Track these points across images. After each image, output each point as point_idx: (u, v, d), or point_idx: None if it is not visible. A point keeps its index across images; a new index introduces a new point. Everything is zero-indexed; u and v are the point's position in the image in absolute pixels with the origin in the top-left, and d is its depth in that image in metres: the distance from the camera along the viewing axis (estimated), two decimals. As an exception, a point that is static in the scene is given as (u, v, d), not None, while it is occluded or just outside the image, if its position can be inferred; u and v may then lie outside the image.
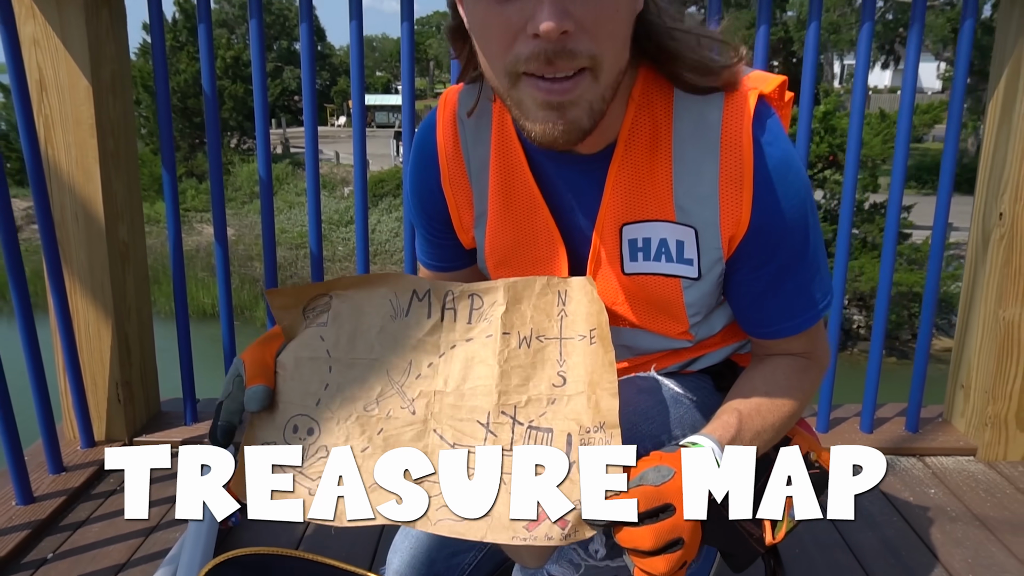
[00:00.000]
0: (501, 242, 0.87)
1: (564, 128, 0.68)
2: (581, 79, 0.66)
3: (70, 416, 1.61)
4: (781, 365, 0.86)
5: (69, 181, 1.52)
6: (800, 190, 0.77)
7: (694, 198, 0.77)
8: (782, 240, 0.78)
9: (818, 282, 0.82)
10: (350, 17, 1.54)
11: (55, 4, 1.44)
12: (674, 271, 0.80)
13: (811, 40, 1.52)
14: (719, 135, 0.75)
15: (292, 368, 0.79)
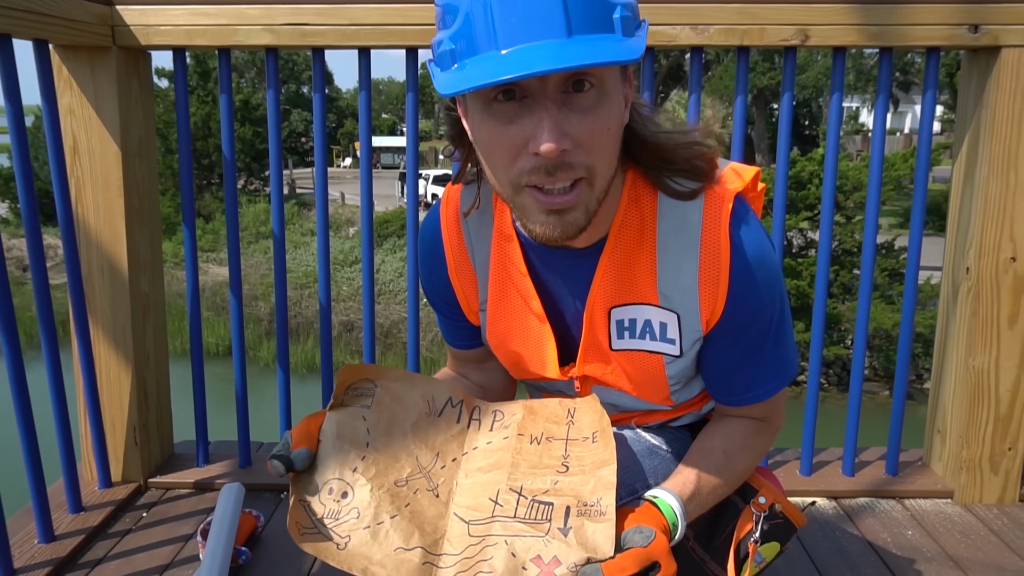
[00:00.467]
0: (497, 329, 0.97)
1: (563, 229, 0.77)
2: (578, 188, 0.75)
3: (89, 458, 1.70)
4: (739, 427, 0.95)
5: (97, 237, 1.63)
6: (771, 281, 0.86)
7: (676, 288, 0.86)
8: (752, 323, 0.87)
9: (782, 358, 0.91)
10: (359, 87, 1.67)
11: (90, 77, 1.57)
12: (658, 348, 0.89)
13: (785, 107, 1.64)
14: (699, 234, 0.84)
15: (333, 438, 0.89)
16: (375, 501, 0.84)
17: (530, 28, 0.68)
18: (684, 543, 0.96)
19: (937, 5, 1.53)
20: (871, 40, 1.55)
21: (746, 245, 0.84)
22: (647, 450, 0.98)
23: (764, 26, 1.54)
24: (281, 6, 1.56)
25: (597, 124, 0.73)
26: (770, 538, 0.98)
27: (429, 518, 0.83)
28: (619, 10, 0.71)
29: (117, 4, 1.56)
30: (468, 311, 1.01)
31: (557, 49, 0.67)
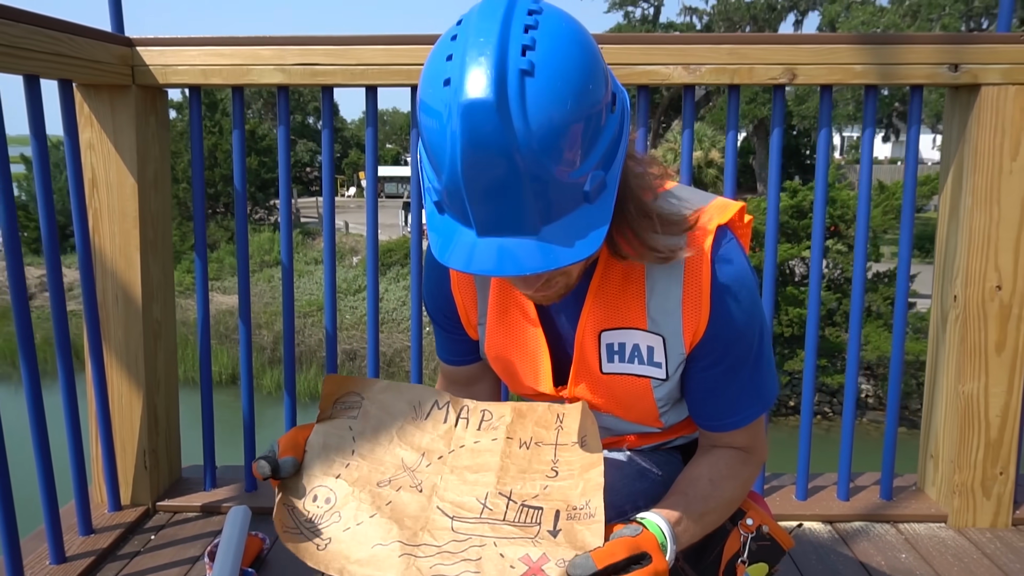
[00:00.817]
0: (496, 341, 1.02)
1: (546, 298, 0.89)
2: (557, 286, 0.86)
3: (100, 481, 1.74)
4: (724, 456, 0.99)
5: (112, 266, 1.70)
6: (750, 305, 0.92)
7: (662, 312, 0.91)
8: (732, 345, 0.92)
9: (761, 383, 0.96)
10: (366, 124, 1.74)
11: (110, 114, 1.65)
12: (645, 372, 0.94)
13: (775, 144, 1.70)
14: (683, 262, 0.89)
15: (319, 448, 0.94)
16: (355, 503, 0.88)
17: (502, 222, 0.72)
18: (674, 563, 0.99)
19: (918, 45, 1.61)
20: (856, 78, 1.62)
21: (727, 269, 0.90)
22: (637, 472, 1.01)
23: (753, 65, 1.61)
24: (292, 47, 1.64)
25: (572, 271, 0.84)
26: (758, 559, 1.01)
27: (410, 512, 0.86)
28: (590, 179, 0.72)
29: (137, 45, 1.64)
30: (467, 325, 1.06)
31: (529, 251, 0.72)
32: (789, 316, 12.85)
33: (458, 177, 0.70)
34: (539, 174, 0.69)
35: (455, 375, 1.14)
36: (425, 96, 0.73)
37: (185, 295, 16.72)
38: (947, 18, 21.06)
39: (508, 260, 0.72)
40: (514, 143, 0.68)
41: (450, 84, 0.69)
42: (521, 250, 0.72)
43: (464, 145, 0.68)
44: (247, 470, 1.86)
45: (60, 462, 1.51)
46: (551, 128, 0.69)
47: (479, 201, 0.71)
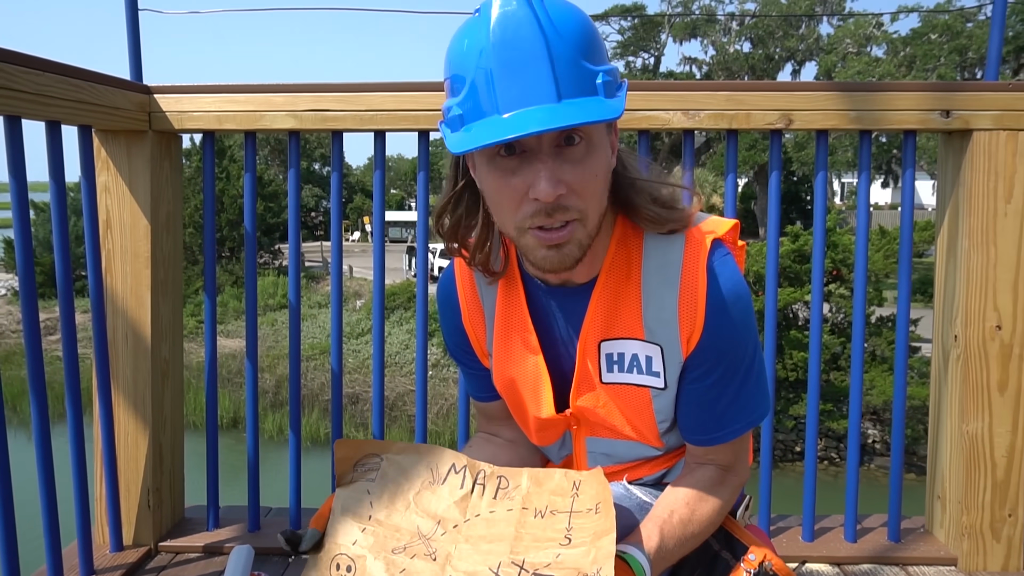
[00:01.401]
0: (502, 370, 1.05)
1: (560, 260, 0.89)
2: (573, 227, 0.87)
3: (102, 521, 1.73)
4: (704, 475, 1.00)
5: (123, 306, 1.72)
6: (745, 317, 0.95)
7: (659, 321, 0.94)
8: (725, 355, 0.94)
9: (750, 397, 0.98)
10: (375, 167, 1.79)
11: (126, 158, 1.70)
12: (644, 382, 0.97)
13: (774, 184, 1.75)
14: (679, 271, 0.93)
15: (339, 513, 0.96)
16: (372, 571, 0.89)
17: (527, 95, 0.80)
18: None
19: (911, 93, 1.66)
20: (850, 124, 1.66)
21: (722, 280, 0.93)
22: (637, 507, 1.02)
23: (750, 111, 1.66)
24: (304, 94, 1.70)
25: (587, 172, 0.85)
26: None
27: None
28: (601, 76, 0.83)
29: (155, 93, 1.70)
30: (482, 356, 1.09)
31: (550, 112, 0.80)
32: (793, 360, 12.79)
33: (489, 61, 0.81)
34: (562, 50, 0.80)
35: (490, 411, 1.16)
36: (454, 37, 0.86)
37: (189, 338, 16.72)
38: (942, 68, 21.50)
39: (532, 120, 0.79)
40: (539, 22, 0.80)
41: (480, 11, 0.82)
42: (545, 113, 0.80)
43: (498, 25, 0.80)
44: (251, 509, 1.85)
45: (64, 502, 1.51)
46: (569, 22, 0.82)
47: (509, 76, 0.80)
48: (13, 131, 1.34)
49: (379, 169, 1.79)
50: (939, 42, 22.10)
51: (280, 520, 1.90)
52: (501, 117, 0.81)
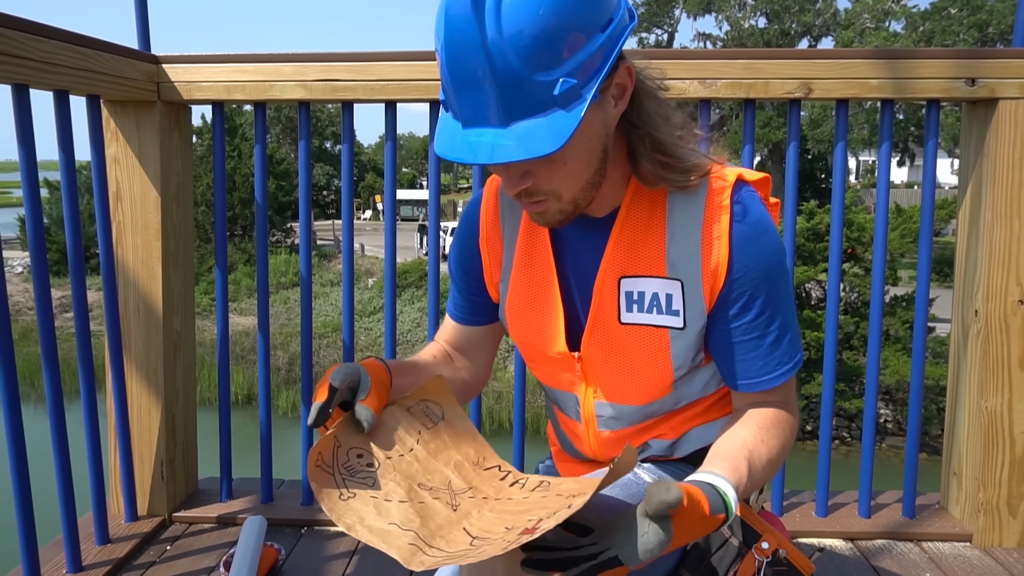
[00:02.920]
0: (516, 297, 1.03)
1: (543, 222, 0.92)
2: (546, 203, 0.88)
3: (117, 491, 1.75)
4: (764, 411, 0.97)
5: (135, 278, 1.72)
6: (773, 250, 0.92)
7: (682, 255, 0.92)
8: (757, 291, 0.92)
9: (791, 340, 0.95)
10: (386, 138, 1.77)
11: (135, 129, 1.69)
12: (663, 322, 0.94)
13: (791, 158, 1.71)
14: (704, 203, 0.91)
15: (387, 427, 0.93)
16: (393, 484, 0.88)
17: (476, 114, 0.80)
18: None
19: (935, 60, 1.61)
20: (872, 93, 1.62)
21: (746, 213, 0.91)
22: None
23: (769, 80, 1.62)
24: (314, 64, 1.68)
25: (552, 166, 0.84)
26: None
27: (436, 521, 0.85)
28: (560, 85, 0.77)
29: (163, 62, 1.68)
30: (489, 284, 1.07)
31: (494, 140, 0.79)
32: (806, 340, 12.72)
33: (444, 72, 0.80)
34: (507, 71, 0.76)
35: (463, 336, 1.13)
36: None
37: (201, 316, 16.85)
38: (961, 43, 21.07)
39: (475, 149, 0.80)
40: (484, 40, 0.76)
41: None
42: (487, 141, 0.79)
43: (445, 41, 0.78)
44: (264, 482, 1.86)
45: (79, 473, 1.52)
46: (521, 31, 0.75)
47: (459, 94, 0.80)
48: (21, 100, 1.33)
49: (390, 141, 1.77)
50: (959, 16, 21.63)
51: (293, 492, 1.91)
52: (460, 128, 0.82)
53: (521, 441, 1.83)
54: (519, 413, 1.81)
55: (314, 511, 1.82)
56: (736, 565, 0.95)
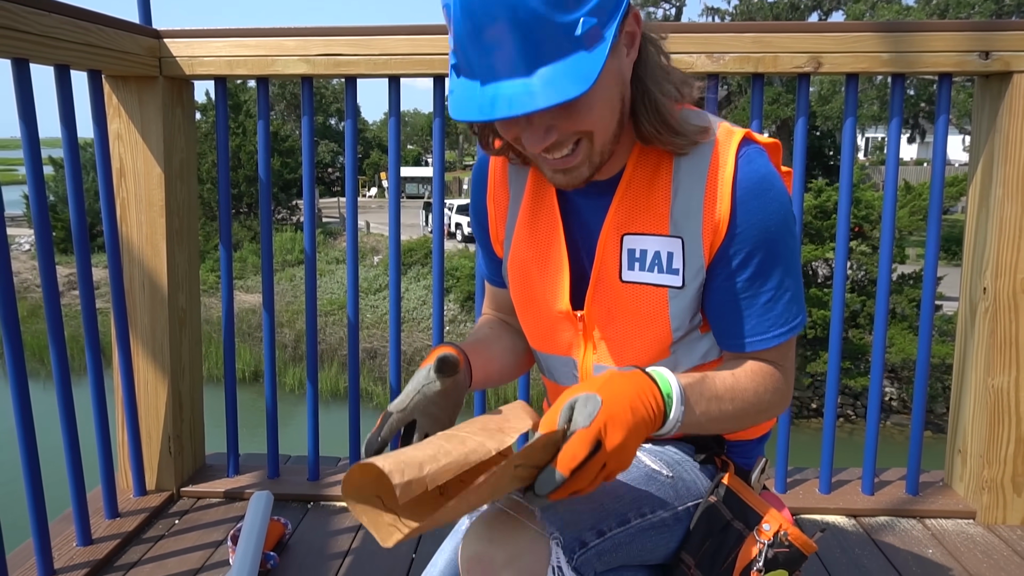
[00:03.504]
0: (519, 253, 1.01)
1: (568, 181, 0.88)
2: (579, 149, 0.85)
3: (125, 466, 1.76)
4: (750, 363, 0.94)
5: (139, 255, 1.72)
6: (778, 207, 0.89)
7: (684, 213, 0.90)
8: (757, 247, 0.89)
9: (790, 302, 0.92)
10: (389, 114, 1.75)
11: (137, 105, 1.68)
12: (662, 281, 0.92)
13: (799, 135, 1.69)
14: (709, 159, 0.89)
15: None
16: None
17: (497, 67, 0.77)
18: (686, 572, 0.94)
19: (948, 33, 1.58)
20: (883, 67, 1.59)
21: (752, 169, 0.88)
22: (645, 476, 0.97)
23: (777, 54, 1.60)
24: (316, 38, 1.66)
25: (579, 112, 0.81)
26: (776, 567, 0.95)
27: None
28: (581, 25, 0.76)
29: (165, 37, 1.66)
30: (495, 240, 1.07)
31: (520, 90, 0.76)
32: (813, 318, 12.70)
33: (459, 26, 0.76)
34: (528, 13, 0.74)
35: (497, 299, 1.15)
36: None
37: (208, 293, 16.91)
38: (977, 16, 20.71)
39: (501, 102, 0.76)
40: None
41: None
42: (514, 92, 0.76)
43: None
44: (270, 457, 1.87)
45: (88, 449, 1.54)
46: None
47: (478, 47, 0.76)
48: (21, 75, 1.32)
49: (394, 116, 1.75)
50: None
51: (299, 467, 1.92)
52: (479, 87, 0.78)
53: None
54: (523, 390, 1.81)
55: (320, 486, 1.83)
56: (738, 547, 0.95)
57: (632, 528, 0.91)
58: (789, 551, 0.95)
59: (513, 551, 0.82)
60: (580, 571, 0.85)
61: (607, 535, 0.88)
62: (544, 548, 0.83)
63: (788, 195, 0.92)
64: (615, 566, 0.91)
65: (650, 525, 0.93)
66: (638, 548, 0.92)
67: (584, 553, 0.85)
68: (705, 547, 0.95)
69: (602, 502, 0.90)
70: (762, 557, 0.94)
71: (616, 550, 0.89)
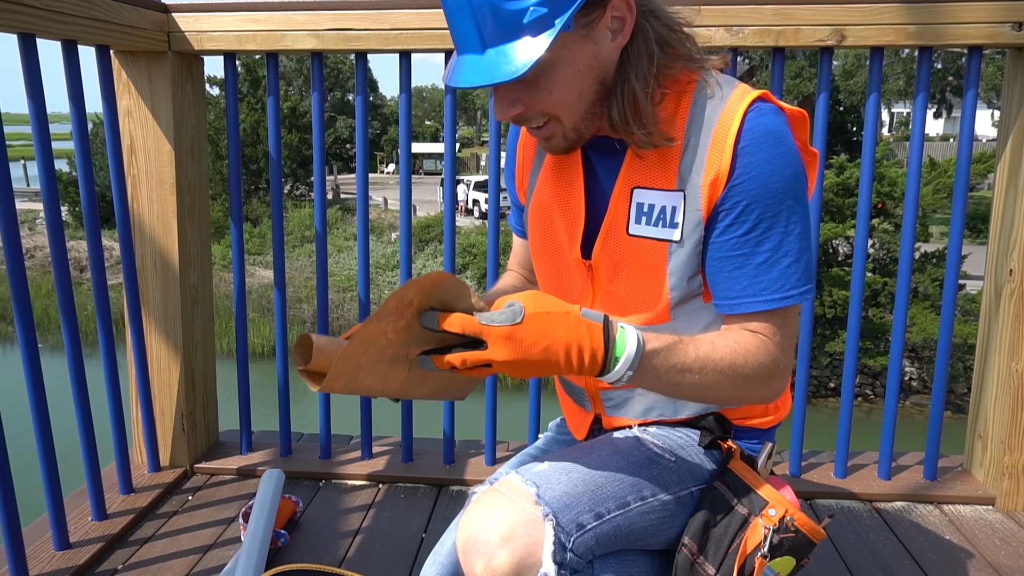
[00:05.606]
0: (541, 196, 1.02)
1: (549, 148, 0.94)
2: (548, 126, 0.90)
3: (139, 443, 1.78)
4: (734, 330, 0.90)
5: (151, 233, 1.72)
6: (783, 166, 0.86)
7: (689, 166, 0.89)
8: (755, 202, 0.86)
9: (790, 268, 0.88)
10: (400, 90, 1.72)
11: (147, 81, 1.66)
12: (664, 235, 0.91)
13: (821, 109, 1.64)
14: (720, 112, 0.87)
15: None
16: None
17: (461, 41, 0.86)
18: (688, 557, 0.93)
19: (978, 3, 1.51)
20: (910, 39, 1.54)
21: (760, 122, 0.86)
22: (647, 459, 0.95)
23: (799, 27, 1.54)
24: (326, 12, 1.63)
25: (539, 91, 0.87)
26: (783, 553, 0.93)
27: None
28: (530, 13, 0.81)
29: (173, 11, 1.64)
30: (519, 186, 1.10)
31: (472, 65, 0.84)
32: (833, 297, 12.55)
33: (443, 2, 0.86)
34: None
35: (525, 255, 1.16)
36: None
37: (227, 268, 17.07)
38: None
39: (457, 74, 0.86)
40: None
41: None
42: (466, 66, 0.85)
43: None
44: (282, 435, 1.88)
45: (102, 425, 1.55)
46: None
47: (450, 22, 0.86)
48: (28, 50, 1.31)
49: (404, 92, 1.72)
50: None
51: (311, 446, 1.93)
52: (456, 57, 0.87)
53: (537, 386, 1.83)
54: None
55: (331, 465, 1.84)
56: (742, 533, 0.93)
57: (632, 511, 0.90)
58: (796, 537, 0.93)
59: (509, 532, 0.82)
60: (577, 553, 0.84)
61: (605, 518, 0.87)
62: (540, 529, 0.82)
63: (799, 162, 0.88)
64: (615, 550, 0.90)
65: (651, 508, 0.92)
66: (638, 532, 0.91)
67: (582, 535, 0.84)
68: (708, 532, 0.94)
69: (601, 484, 0.89)
70: (767, 543, 0.92)
71: (615, 533, 0.88)
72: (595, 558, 0.88)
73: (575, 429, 1.14)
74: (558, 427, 1.21)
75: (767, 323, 0.90)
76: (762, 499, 0.95)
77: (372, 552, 1.51)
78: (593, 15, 0.84)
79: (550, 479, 0.88)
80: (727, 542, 0.93)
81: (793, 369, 1.09)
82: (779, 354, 0.90)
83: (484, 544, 0.82)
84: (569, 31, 0.83)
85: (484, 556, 0.82)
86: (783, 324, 0.90)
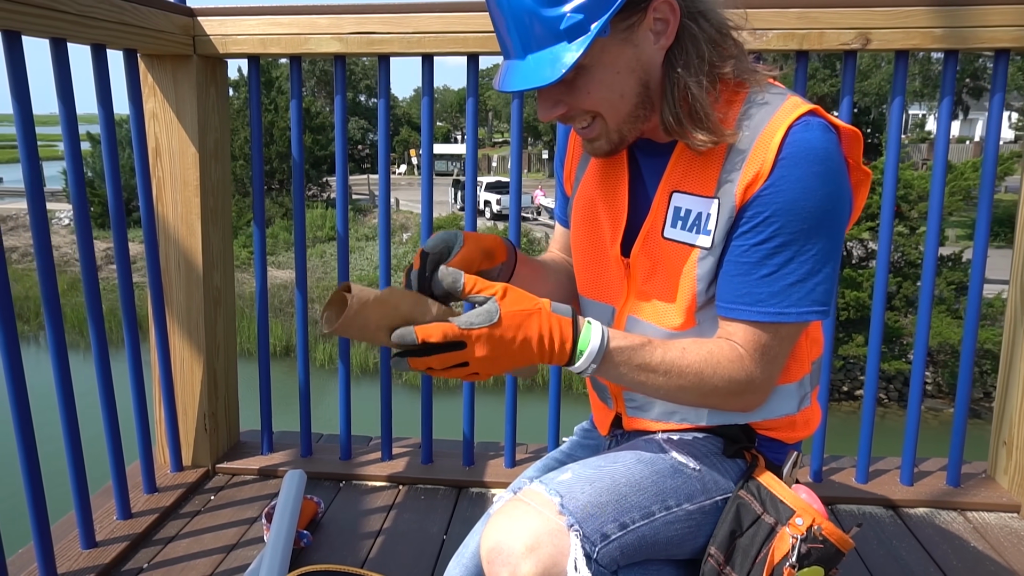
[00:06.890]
0: (588, 190, 1.05)
1: (592, 150, 0.97)
2: (594, 125, 0.93)
3: (163, 442, 1.80)
4: (716, 340, 0.92)
5: (175, 234, 1.73)
6: (817, 186, 0.84)
7: (729, 172, 0.89)
8: (777, 215, 0.85)
9: (794, 286, 0.87)
10: (423, 93, 1.73)
11: (172, 84, 1.68)
12: (696, 241, 0.91)
13: (845, 111, 1.63)
14: (767, 122, 0.87)
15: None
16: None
17: (508, 48, 0.89)
18: (715, 567, 0.92)
19: (1006, 6, 1.50)
20: (936, 43, 1.53)
21: (805, 137, 0.85)
22: (671, 469, 0.94)
23: (824, 30, 1.54)
24: (349, 16, 1.64)
25: (580, 92, 0.89)
26: (811, 563, 0.92)
27: None
28: (566, 20, 0.83)
29: (199, 15, 1.66)
30: (567, 178, 1.14)
31: (515, 71, 0.88)
32: (846, 299, 12.48)
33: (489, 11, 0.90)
34: (518, 7, 0.85)
35: (565, 242, 1.19)
36: None
37: (241, 268, 17.17)
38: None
39: (503, 78, 0.89)
40: None
41: None
42: (511, 71, 0.88)
43: None
44: (303, 436, 1.89)
45: (126, 425, 1.56)
46: None
47: (496, 29, 0.90)
48: (59, 54, 1.32)
49: (427, 96, 1.73)
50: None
51: (331, 446, 1.94)
52: (504, 62, 0.91)
53: (557, 390, 1.83)
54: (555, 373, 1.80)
55: (352, 465, 1.85)
56: (769, 543, 0.92)
57: (656, 521, 0.89)
58: (824, 547, 0.92)
59: (533, 542, 0.81)
60: (602, 564, 0.84)
61: (630, 528, 0.86)
62: (565, 539, 0.82)
63: (839, 183, 0.87)
64: (639, 560, 0.89)
65: (676, 518, 0.91)
66: (663, 542, 0.90)
67: (606, 546, 0.84)
68: (735, 542, 0.93)
69: (625, 494, 0.88)
70: (795, 552, 0.91)
71: (640, 543, 0.87)
72: (619, 568, 0.88)
73: (600, 424, 1.15)
74: (584, 432, 1.21)
75: (753, 336, 0.90)
76: (788, 508, 0.94)
77: (394, 553, 1.52)
78: (633, 18, 0.85)
79: (574, 489, 0.87)
80: (754, 552, 0.92)
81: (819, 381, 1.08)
82: (754, 370, 0.90)
83: (509, 554, 0.82)
84: (606, 35, 0.84)
85: (509, 566, 0.82)
86: (771, 341, 0.90)
